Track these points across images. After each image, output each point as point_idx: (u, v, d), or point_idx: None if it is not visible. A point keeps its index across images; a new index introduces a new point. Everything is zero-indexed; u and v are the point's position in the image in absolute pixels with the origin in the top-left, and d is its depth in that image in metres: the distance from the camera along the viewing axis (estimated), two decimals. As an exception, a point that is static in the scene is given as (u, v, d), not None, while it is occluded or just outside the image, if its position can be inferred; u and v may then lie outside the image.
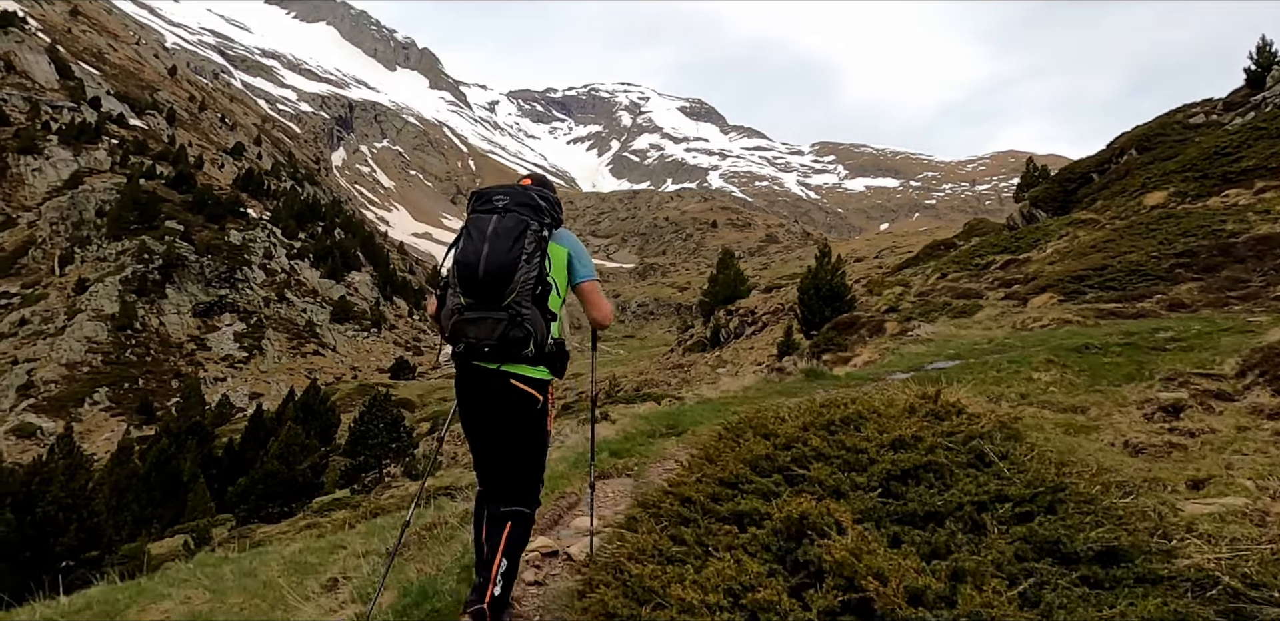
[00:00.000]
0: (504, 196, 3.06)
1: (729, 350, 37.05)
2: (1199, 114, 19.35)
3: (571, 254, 3.13)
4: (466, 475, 21.96)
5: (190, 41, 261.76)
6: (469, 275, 2.86)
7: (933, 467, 1.96)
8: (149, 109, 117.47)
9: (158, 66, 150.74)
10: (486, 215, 2.99)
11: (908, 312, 12.85)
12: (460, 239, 2.98)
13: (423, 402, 67.42)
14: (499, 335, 2.86)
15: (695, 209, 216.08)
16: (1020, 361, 6.10)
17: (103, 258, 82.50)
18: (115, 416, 66.53)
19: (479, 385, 2.98)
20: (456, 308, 2.93)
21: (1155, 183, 16.01)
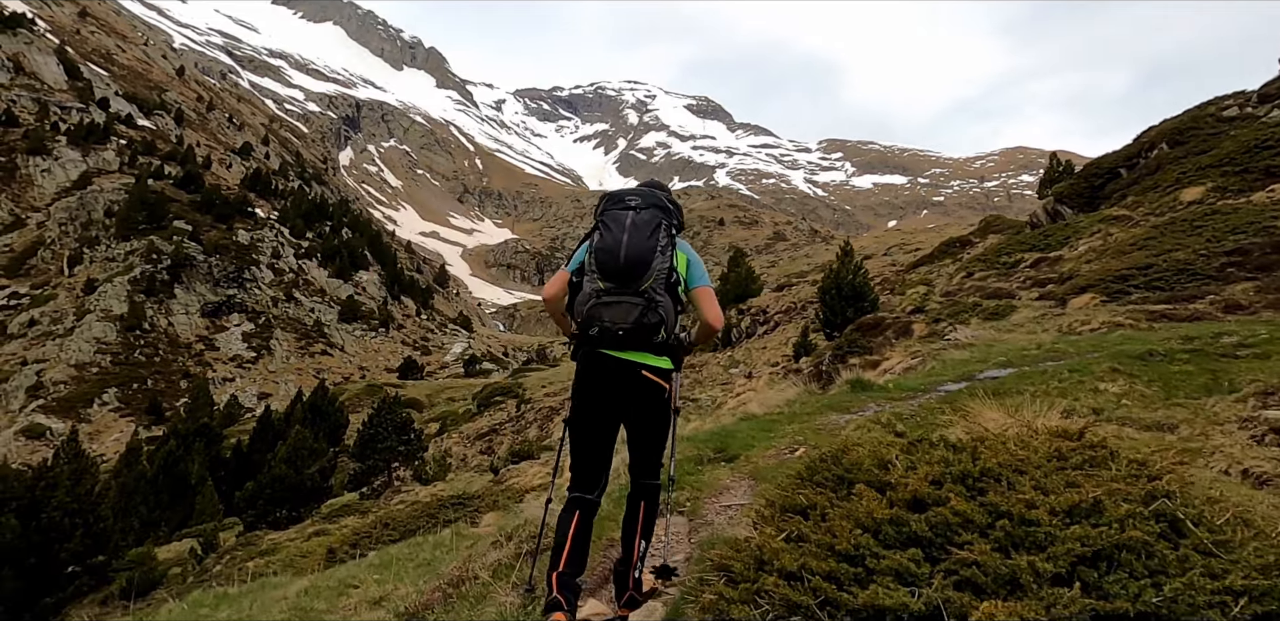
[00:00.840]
0: (636, 197, 3.27)
1: (741, 350, 36.58)
2: (1232, 107, 18.79)
3: (690, 259, 3.29)
4: (478, 481, 21.65)
5: (198, 42, 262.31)
6: (609, 261, 3.06)
7: (1127, 545, 1.55)
8: (157, 109, 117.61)
9: (166, 67, 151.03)
10: (622, 212, 3.20)
11: (935, 314, 12.38)
12: (596, 232, 3.20)
13: (431, 402, 67.20)
14: (635, 319, 3.02)
15: (702, 207, 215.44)
16: (1081, 370, 5.66)
17: (111, 258, 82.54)
18: (124, 417, 66.53)
19: (607, 375, 3.09)
20: (594, 292, 3.09)
21: (1191, 178, 15.49)
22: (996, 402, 4.78)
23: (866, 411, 5.01)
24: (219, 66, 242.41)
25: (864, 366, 10.29)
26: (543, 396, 41.78)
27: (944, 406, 4.77)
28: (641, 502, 3.19)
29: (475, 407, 48.93)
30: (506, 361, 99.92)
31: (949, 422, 4.16)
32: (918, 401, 5.29)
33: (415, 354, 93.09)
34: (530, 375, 65.54)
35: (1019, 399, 4.88)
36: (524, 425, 33.12)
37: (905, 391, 5.73)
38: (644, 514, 3.16)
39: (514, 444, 30.70)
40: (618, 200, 3.29)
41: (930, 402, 5.07)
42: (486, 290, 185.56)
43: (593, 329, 3.07)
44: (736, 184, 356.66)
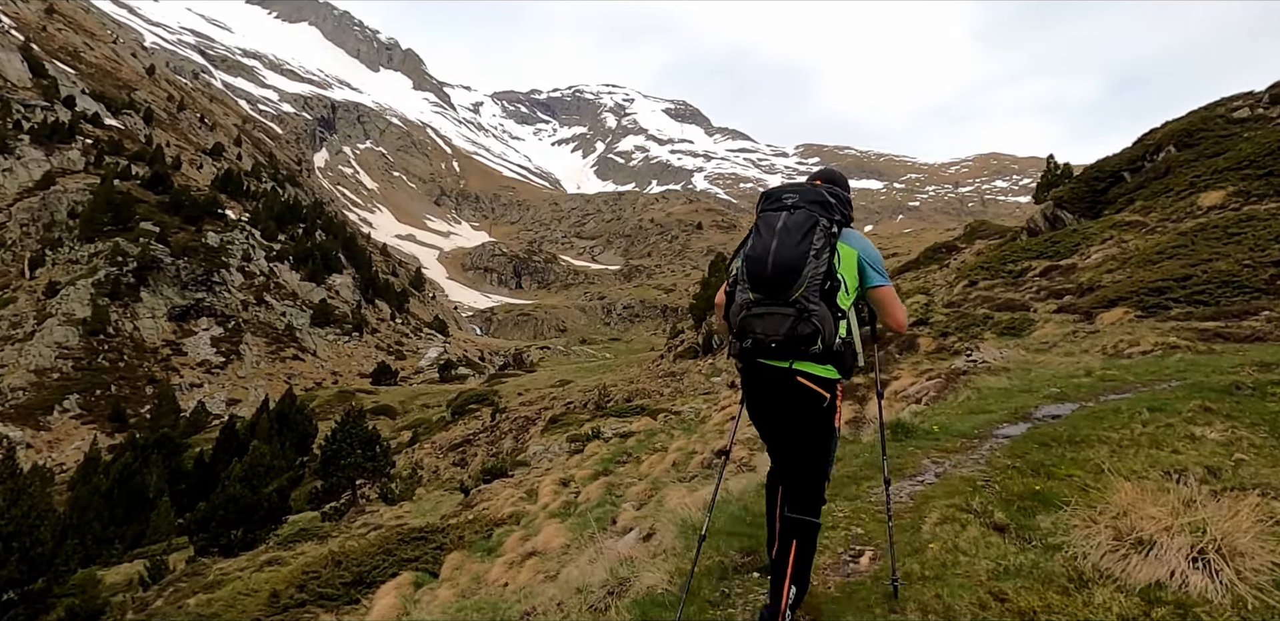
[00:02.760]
0: (793, 194, 3.05)
1: (723, 357, 35.70)
2: (1243, 108, 18.15)
3: (862, 256, 3.07)
4: (447, 501, 20.56)
5: (170, 41, 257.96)
6: (757, 270, 2.90)
7: None
8: (125, 108, 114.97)
9: (135, 66, 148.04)
10: (776, 212, 3.01)
11: (942, 326, 11.50)
12: (750, 237, 3.03)
13: (404, 409, 65.78)
14: (786, 330, 2.85)
15: (680, 211, 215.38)
16: (1161, 407, 4.77)
17: (75, 260, 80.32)
18: (86, 424, 64.49)
19: (765, 383, 2.94)
20: (745, 303, 2.95)
21: (1206, 181, 14.77)
22: (1078, 453, 3.88)
23: (925, 475, 4.06)
24: (191, 66, 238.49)
25: (869, 386, 9.42)
26: (518, 405, 40.65)
27: (1021, 464, 3.85)
28: (794, 541, 2.87)
29: (449, 415, 47.66)
30: (483, 366, 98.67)
31: (1058, 496, 3.21)
32: (982, 455, 4.34)
33: (389, 359, 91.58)
34: (507, 381, 64.33)
35: (1101, 450, 3.98)
36: (499, 435, 32.00)
37: (957, 437, 4.78)
38: (795, 555, 2.85)
39: (488, 456, 29.55)
40: (774, 199, 3.06)
41: (999, 458, 4.12)
42: (463, 293, 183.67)
43: (746, 341, 2.92)
44: (714, 188, 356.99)
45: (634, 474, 12.21)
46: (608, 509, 8.45)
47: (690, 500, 6.78)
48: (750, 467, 9.01)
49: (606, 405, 29.47)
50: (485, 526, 10.30)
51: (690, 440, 14.25)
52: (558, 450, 20.31)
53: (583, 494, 10.98)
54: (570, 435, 21.53)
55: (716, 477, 3.61)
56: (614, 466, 13.60)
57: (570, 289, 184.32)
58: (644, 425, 18.95)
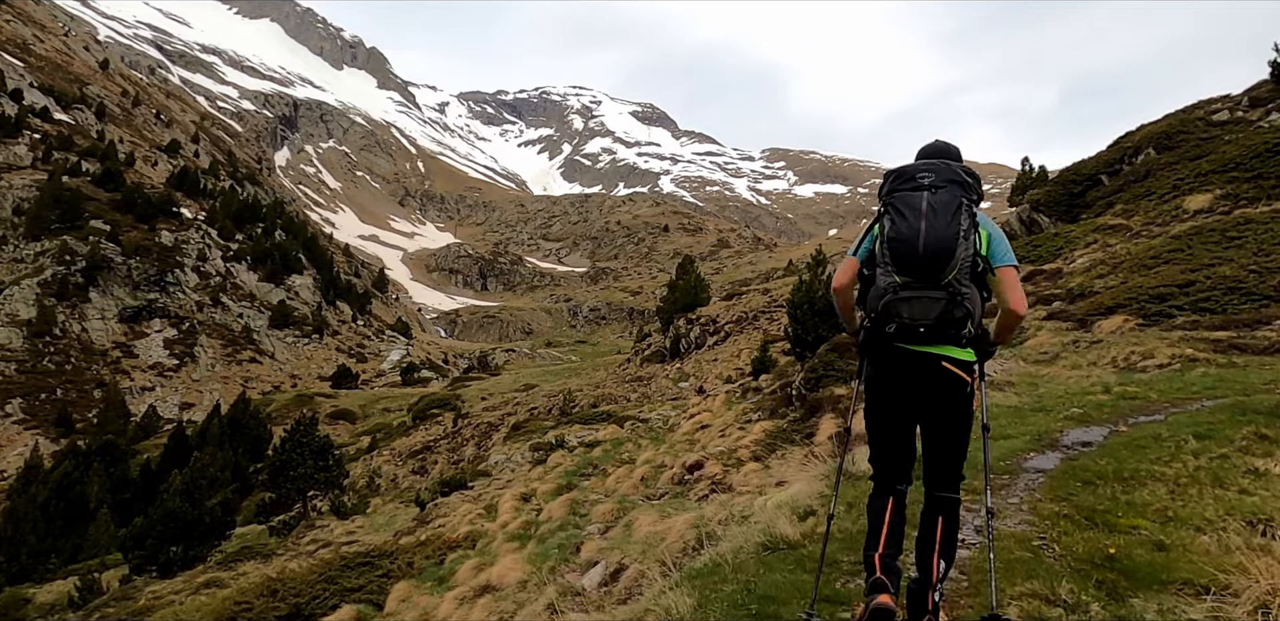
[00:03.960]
0: (929, 173, 2.93)
1: (691, 362, 35.11)
2: (1222, 110, 17.96)
3: (991, 236, 2.97)
4: (401, 516, 19.59)
5: (125, 35, 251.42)
6: (907, 253, 2.79)
7: None
8: (76, 103, 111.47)
9: (88, 59, 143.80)
10: (914, 193, 2.90)
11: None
12: (885, 218, 2.92)
13: (365, 413, 64.36)
14: (937, 315, 2.80)
15: (647, 213, 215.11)
16: (1208, 435, 4.21)
17: (20, 259, 77.51)
18: (30, 429, 62.07)
19: (906, 369, 2.84)
20: (890, 286, 2.85)
21: (1190, 184, 14.47)
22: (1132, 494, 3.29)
23: (964, 529, 3.40)
24: (147, 61, 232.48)
25: (853, 397, 8.88)
26: (481, 410, 39.66)
27: (1070, 511, 3.22)
28: (940, 517, 2.87)
29: (410, 420, 46.47)
30: (447, 369, 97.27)
31: (1140, 564, 2.57)
32: (1019, 496, 3.58)
33: (351, 361, 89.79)
34: (470, 385, 63.18)
35: (1158, 490, 3.41)
36: (460, 442, 31.03)
37: (983, 471, 4.18)
38: (943, 530, 2.83)
39: (448, 464, 28.65)
40: (908, 178, 2.92)
41: (1044, 504, 3.43)
42: (428, 295, 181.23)
43: (890, 325, 2.83)
44: (681, 191, 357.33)
45: (600, 489, 11.53)
46: (571, 533, 7.75)
47: (660, 528, 6.11)
48: (725, 487, 8.37)
49: (572, 411, 28.70)
50: (438, 550, 9.53)
51: (659, 451, 13.60)
52: (520, 460, 19.53)
53: (545, 511, 10.27)
54: (534, 444, 20.76)
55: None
56: (578, 480, 12.90)
57: (536, 291, 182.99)
58: (610, 434, 18.28)
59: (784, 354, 21.39)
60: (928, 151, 3.12)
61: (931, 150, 3.12)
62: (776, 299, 40.77)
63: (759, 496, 6.41)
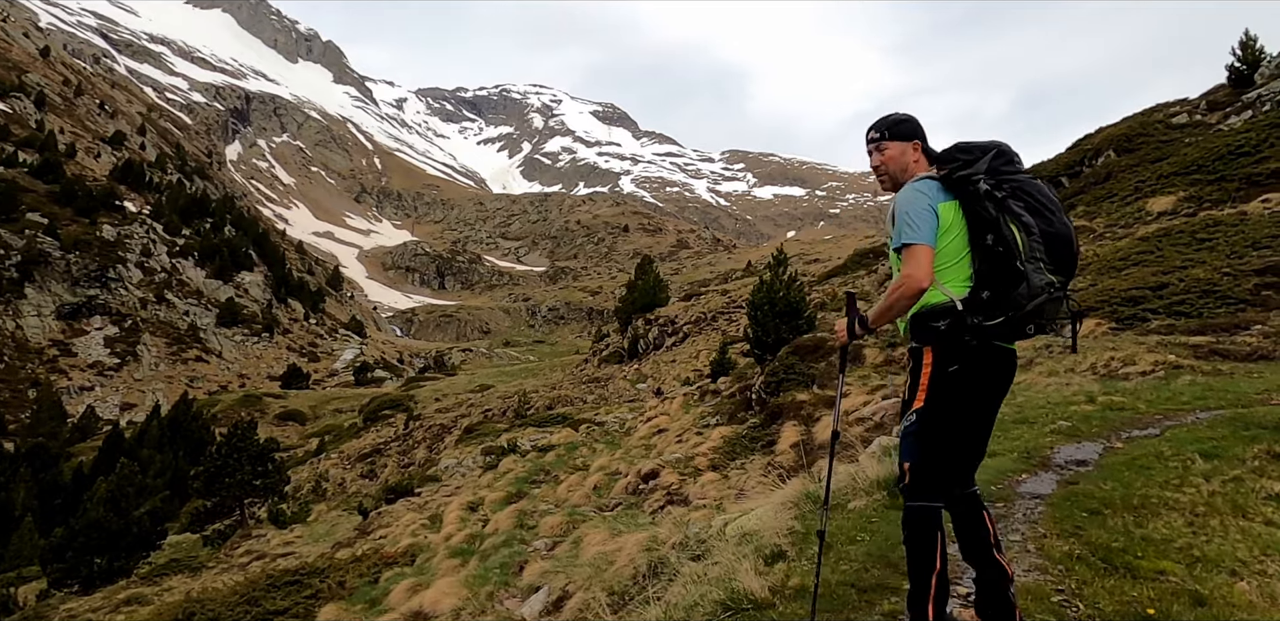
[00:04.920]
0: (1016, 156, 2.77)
1: (649, 363, 34.64)
2: (1181, 113, 18.05)
3: None
4: (343, 525, 18.76)
5: (68, 22, 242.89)
6: (1063, 250, 2.61)
7: None
8: (14, 91, 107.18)
9: (28, 46, 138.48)
10: (1029, 179, 2.71)
11: (889, 337, 10.67)
12: (1018, 205, 2.62)
13: (315, 414, 62.81)
14: (1058, 314, 2.69)
15: (607, 213, 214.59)
16: (1215, 453, 3.81)
17: (-51, 253, 74.17)
18: (-43, 431, 59.32)
19: (1003, 368, 2.69)
20: (1045, 285, 2.58)
21: (1153, 186, 14.42)
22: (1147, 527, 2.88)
23: (962, 580, 2.90)
24: (92, 50, 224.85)
25: (816, 404, 8.45)
26: (434, 412, 38.72)
27: (1083, 551, 2.77)
28: (983, 511, 2.71)
29: (361, 422, 45.28)
30: (402, 369, 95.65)
31: None
32: (1020, 531, 3.07)
33: (302, 361, 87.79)
34: (425, 386, 61.99)
35: (1174, 520, 3.00)
36: (411, 445, 30.14)
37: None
38: (991, 521, 2.68)
39: (399, 468, 27.80)
40: (1009, 159, 2.69)
41: (1052, 542, 2.91)
42: (383, 293, 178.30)
43: (1029, 327, 2.60)
44: (641, 191, 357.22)
45: (550, 498, 10.99)
46: (515, 550, 7.21)
47: (610, 548, 5.60)
48: (682, 498, 7.90)
49: (527, 413, 28.04)
50: (374, 566, 8.91)
51: (613, 457, 13.09)
52: (471, 464, 18.85)
53: (491, 522, 9.70)
54: (485, 447, 20.10)
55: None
56: (529, 487, 12.34)
57: (494, 290, 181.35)
58: (564, 437, 17.72)
59: (743, 355, 21.05)
60: (988, 146, 2.75)
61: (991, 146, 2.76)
62: (735, 300, 40.54)
63: (718, 513, 5.93)
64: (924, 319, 2.61)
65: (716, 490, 7.35)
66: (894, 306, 2.58)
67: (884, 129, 2.84)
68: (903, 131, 2.82)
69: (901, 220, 2.60)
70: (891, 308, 2.59)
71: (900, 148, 2.81)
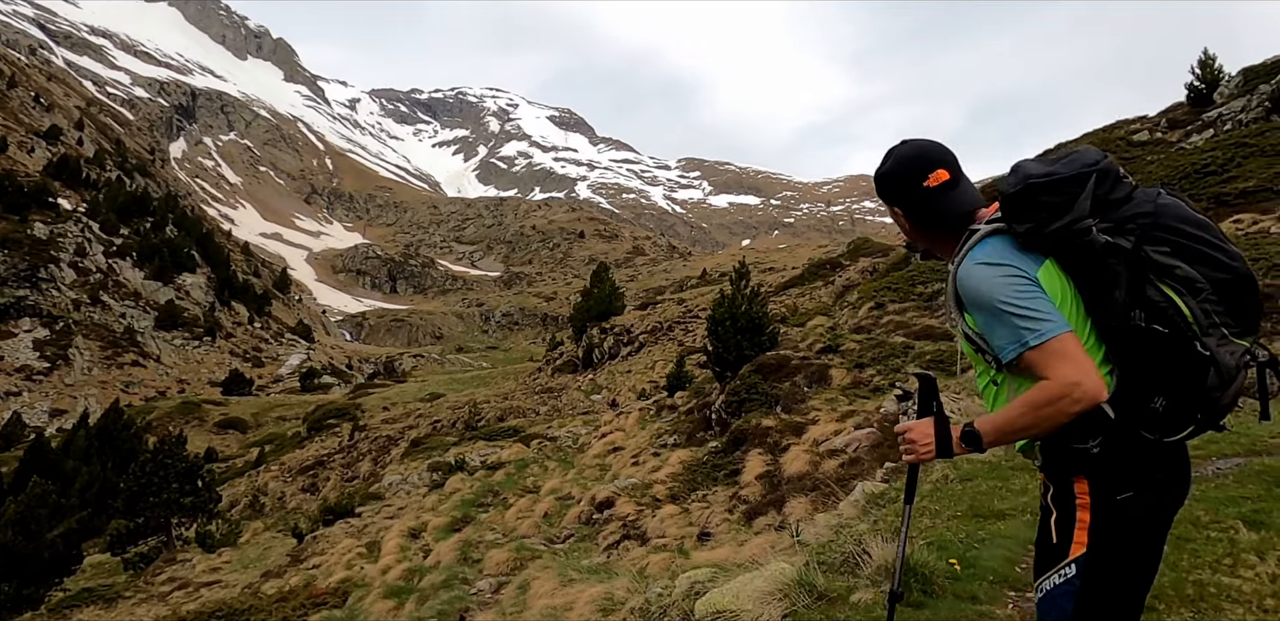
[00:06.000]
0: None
1: (604, 373, 34.04)
2: (1142, 131, 18.24)
3: None
4: (276, 548, 17.73)
5: (3, 11, 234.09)
6: (1254, 299, 1.81)
7: None
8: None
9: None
10: (1160, 201, 1.84)
11: (856, 357, 10.24)
12: (1170, 249, 1.77)
13: (257, 422, 60.81)
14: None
15: (563, 219, 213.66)
16: (1259, 520, 3.25)
17: None
18: None
19: (1186, 467, 1.91)
20: (1242, 360, 1.78)
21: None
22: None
23: None
24: (27, 40, 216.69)
25: (784, 431, 7.98)
26: (381, 422, 37.59)
27: None
28: None
29: (305, 431, 43.81)
30: (350, 374, 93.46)
31: None
32: None
33: (245, 366, 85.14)
34: (373, 393, 60.45)
35: (1244, 619, 2.55)
36: (356, 457, 29.05)
37: (1001, 587, 3.14)
38: None
39: (341, 481, 26.74)
40: (1115, 178, 1.83)
41: None
42: (333, 297, 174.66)
43: (1221, 418, 1.82)
44: (597, 197, 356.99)
45: (498, 524, 10.34)
46: (457, 593, 6.58)
47: (560, 602, 5.01)
48: (639, 533, 7.32)
49: (477, 425, 27.22)
50: (301, 607, 8.17)
51: (565, 478, 12.48)
52: (416, 481, 18.04)
53: (434, 554, 9.02)
54: (432, 463, 19.28)
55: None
56: (476, 511, 11.66)
57: (448, 295, 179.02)
58: (515, 453, 17.03)
59: (700, 367, 20.62)
60: (1068, 174, 1.84)
61: (1078, 153, 1.92)
62: (692, 309, 40.21)
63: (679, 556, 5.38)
64: (1062, 440, 1.82)
65: (677, 526, 6.82)
66: (1039, 425, 1.76)
67: (876, 188, 2.14)
68: (884, 192, 2.09)
69: (997, 316, 1.79)
70: (1034, 427, 1.77)
71: (890, 211, 2.11)
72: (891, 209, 2.07)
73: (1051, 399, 1.69)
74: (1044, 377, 1.72)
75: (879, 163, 2.09)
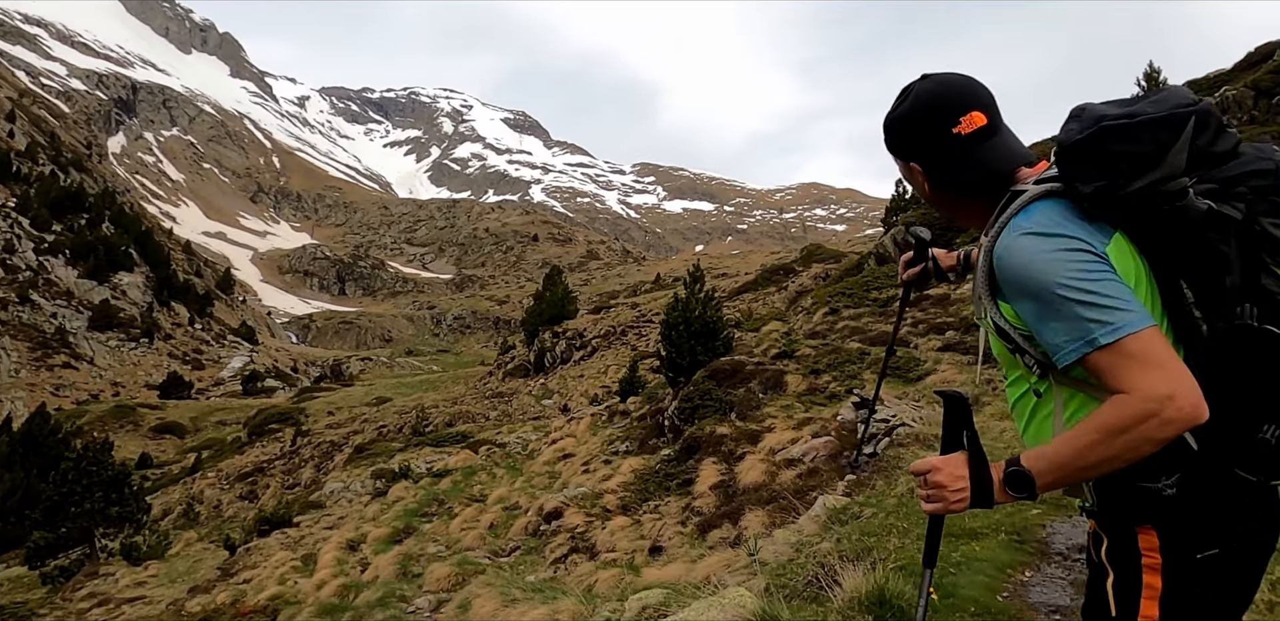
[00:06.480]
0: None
1: (555, 378, 33.62)
2: None
3: None
4: (206, 561, 16.94)
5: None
6: None
7: None
8: None
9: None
10: (1266, 154, 1.41)
11: (811, 363, 10.09)
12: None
13: (196, 427, 58.85)
14: None
15: (516, 222, 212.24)
16: None
17: None
18: None
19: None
20: None
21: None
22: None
23: None
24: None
25: (739, 439, 7.77)
26: (325, 427, 36.57)
27: None
28: None
29: (246, 436, 42.46)
30: (296, 378, 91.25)
31: None
32: None
33: (185, 368, 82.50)
34: (318, 397, 58.95)
35: None
36: (297, 464, 28.14)
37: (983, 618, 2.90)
38: None
39: (282, 488, 25.88)
40: (1219, 127, 1.36)
41: None
42: (279, 298, 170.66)
43: None
44: (552, 201, 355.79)
45: (442, 534, 9.94)
46: (393, 613, 6.20)
47: (507, 626, 4.69)
48: (588, 546, 7.02)
49: (425, 431, 26.58)
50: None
51: (513, 487, 12.11)
52: (359, 489, 17.47)
53: (371, 568, 8.60)
54: (376, 470, 18.70)
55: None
56: (419, 522, 11.22)
57: (398, 297, 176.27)
58: (463, 460, 16.58)
59: (653, 372, 20.40)
60: (1157, 115, 1.37)
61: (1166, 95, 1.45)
62: (645, 313, 40.03)
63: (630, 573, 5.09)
64: (1125, 476, 1.35)
65: (627, 539, 6.54)
66: (1118, 458, 1.26)
67: (884, 138, 1.65)
68: (898, 142, 1.61)
69: (1052, 305, 1.31)
70: (1109, 461, 1.27)
71: (903, 168, 1.65)
72: (906, 165, 1.60)
73: (1135, 420, 1.22)
74: (1119, 390, 1.26)
75: (892, 104, 1.60)
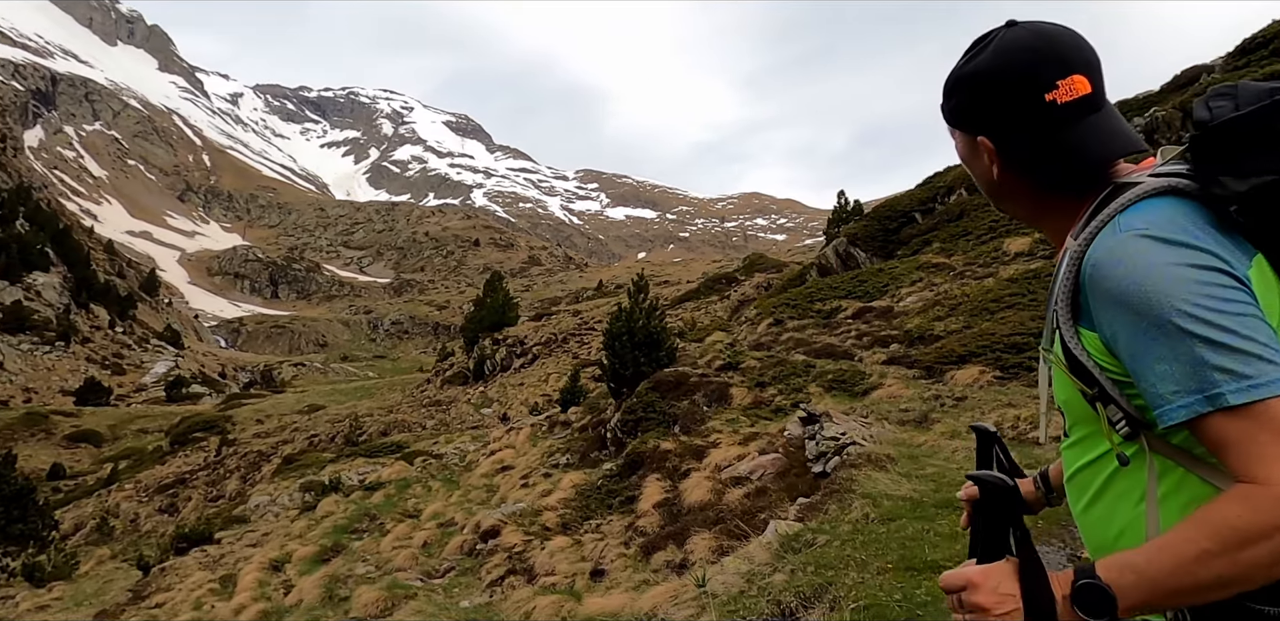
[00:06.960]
0: None
1: (495, 386, 33.04)
2: None
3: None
4: (117, 583, 15.99)
5: None
6: None
7: None
8: None
9: None
10: None
11: (757, 375, 9.96)
12: None
13: (114, 435, 56.25)
14: None
15: (457, 226, 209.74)
16: None
17: None
18: None
19: None
20: None
21: (1008, 227, 14.80)
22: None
23: None
24: None
25: (684, 454, 7.56)
26: (253, 436, 35.24)
27: None
28: None
29: (168, 445, 40.67)
30: (224, 384, 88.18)
31: None
32: None
33: (104, 374, 78.94)
34: (246, 404, 56.93)
35: None
36: (222, 475, 26.97)
37: None
38: None
39: (205, 501, 24.76)
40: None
41: None
42: (208, 301, 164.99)
43: None
44: (494, 205, 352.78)
45: (372, 553, 9.51)
46: (316, 643, 5.80)
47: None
48: (526, 568, 6.73)
49: (358, 440, 25.76)
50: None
51: (450, 500, 11.71)
52: (287, 502, 16.75)
53: (295, 590, 8.15)
54: (305, 482, 17.99)
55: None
56: (348, 539, 10.74)
57: (334, 301, 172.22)
58: (397, 472, 16.04)
59: (594, 380, 20.14)
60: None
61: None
62: (587, 321, 39.73)
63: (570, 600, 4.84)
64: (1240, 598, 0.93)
65: (568, 561, 6.28)
66: (1243, 578, 0.87)
67: (942, 102, 1.24)
68: (965, 107, 1.18)
69: (1169, 337, 0.93)
70: (1229, 583, 0.88)
71: (964, 144, 1.23)
72: (970, 140, 1.19)
73: (1275, 526, 0.84)
74: (1246, 476, 0.88)
75: (963, 55, 1.18)
